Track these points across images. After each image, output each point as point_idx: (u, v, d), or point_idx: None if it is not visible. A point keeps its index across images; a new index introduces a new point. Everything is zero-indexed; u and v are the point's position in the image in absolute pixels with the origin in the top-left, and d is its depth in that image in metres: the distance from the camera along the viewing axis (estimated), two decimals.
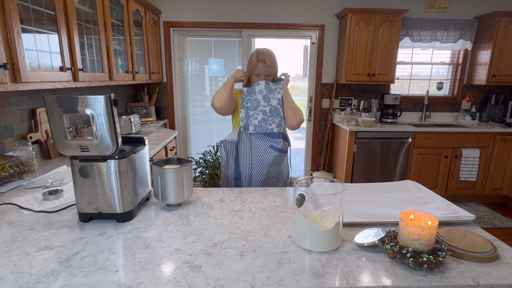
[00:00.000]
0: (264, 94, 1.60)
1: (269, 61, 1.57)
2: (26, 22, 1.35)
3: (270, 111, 1.61)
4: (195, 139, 3.94)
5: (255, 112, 1.60)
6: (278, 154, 1.63)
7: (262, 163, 1.63)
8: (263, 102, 1.60)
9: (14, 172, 1.41)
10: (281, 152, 1.64)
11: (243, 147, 1.64)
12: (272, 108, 1.61)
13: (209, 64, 3.70)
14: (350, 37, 3.28)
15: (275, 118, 1.61)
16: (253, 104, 1.60)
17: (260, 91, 1.60)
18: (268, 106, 1.60)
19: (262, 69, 1.57)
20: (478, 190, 3.42)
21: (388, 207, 1.11)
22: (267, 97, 1.61)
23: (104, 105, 0.92)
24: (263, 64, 1.56)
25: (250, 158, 1.63)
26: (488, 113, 3.73)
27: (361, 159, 3.29)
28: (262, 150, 1.62)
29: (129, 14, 2.54)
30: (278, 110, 1.62)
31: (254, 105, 1.60)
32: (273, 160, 1.62)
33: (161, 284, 0.72)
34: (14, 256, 0.82)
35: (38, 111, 1.85)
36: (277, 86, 1.62)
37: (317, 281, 0.73)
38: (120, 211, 1.02)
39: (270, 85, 1.61)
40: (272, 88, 1.62)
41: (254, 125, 1.61)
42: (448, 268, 0.79)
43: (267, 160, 1.62)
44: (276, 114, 1.62)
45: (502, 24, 3.26)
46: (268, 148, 1.62)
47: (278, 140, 1.62)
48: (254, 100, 1.60)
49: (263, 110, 1.60)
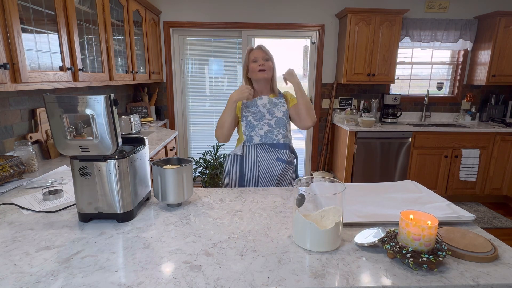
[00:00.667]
0: (268, 108, 1.57)
1: (265, 49, 1.56)
2: (26, 22, 1.35)
3: (275, 123, 1.56)
4: (195, 139, 3.94)
5: (259, 123, 1.55)
6: (285, 166, 1.57)
7: (269, 177, 1.56)
8: (267, 115, 1.56)
9: (14, 172, 1.41)
10: (288, 164, 1.58)
11: (248, 161, 1.57)
12: (278, 120, 1.56)
13: (209, 64, 3.70)
14: (350, 37, 3.28)
15: (281, 129, 1.56)
16: (257, 116, 1.56)
17: (264, 105, 1.56)
18: (273, 118, 1.56)
19: (258, 53, 1.55)
20: (478, 190, 3.42)
21: (388, 207, 1.11)
22: (271, 111, 1.57)
23: (104, 105, 0.92)
24: (259, 49, 1.55)
25: (256, 172, 1.57)
26: (488, 113, 3.73)
27: (361, 159, 3.29)
28: (269, 163, 1.55)
29: (129, 14, 2.54)
30: (284, 122, 1.57)
31: (258, 116, 1.56)
32: (281, 172, 1.56)
33: (161, 284, 0.72)
34: (14, 256, 0.82)
35: (38, 111, 1.85)
36: (280, 100, 1.59)
37: (317, 281, 0.73)
38: (120, 211, 1.02)
39: (273, 100, 1.58)
40: (275, 102, 1.58)
41: (260, 135, 1.55)
42: (448, 268, 0.79)
43: (275, 173, 1.55)
44: (282, 125, 1.56)
45: (502, 24, 3.26)
46: (275, 160, 1.56)
47: (284, 151, 1.56)
48: (258, 112, 1.56)
49: (268, 122, 1.56)
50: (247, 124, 1.55)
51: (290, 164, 1.60)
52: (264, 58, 1.55)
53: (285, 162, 1.57)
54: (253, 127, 1.55)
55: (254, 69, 1.55)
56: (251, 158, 1.57)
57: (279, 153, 1.56)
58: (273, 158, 1.56)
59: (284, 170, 1.58)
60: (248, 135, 1.56)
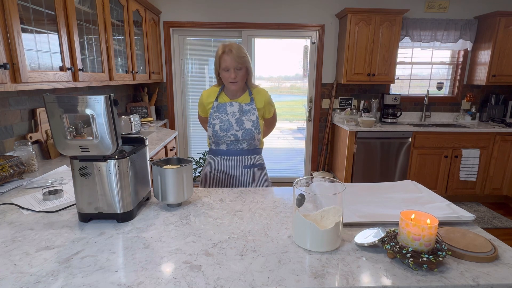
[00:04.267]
0: (237, 118, 1.48)
1: (237, 51, 1.38)
2: (26, 22, 1.35)
3: (242, 135, 1.50)
4: (195, 139, 3.94)
5: (226, 134, 1.50)
6: (254, 170, 1.59)
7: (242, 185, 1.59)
8: (235, 125, 1.49)
9: (14, 172, 1.41)
10: (257, 167, 1.60)
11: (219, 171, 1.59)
12: (245, 131, 1.49)
13: (209, 64, 3.70)
14: (350, 37, 3.28)
15: (249, 140, 1.53)
16: (224, 124, 1.49)
17: (233, 114, 1.48)
18: (240, 130, 1.49)
19: (230, 62, 1.38)
20: (478, 190, 3.42)
21: (388, 207, 1.11)
22: (240, 121, 1.48)
23: (104, 105, 0.92)
24: (230, 55, 1.38)
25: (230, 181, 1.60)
26: (488, 113, 3.73)
27: (361, 159, 3.29)
28: (238, 174, 1.58)
29: (129, 14, 2.54)
30: (252, 133, 1.50)
31: (226, 126, 1.49)
32: (252, 178, 1.59)
33: (161, 284, 0.72)
34: (14, 256, 0.82)
35: (38, 111, 1.85)
36: (251, 107, 1.50)
37: (317, 281, 0.73)
38: (120, 211, 1.02)
39: (243, 107, 1.50)
40: (245, 109, 1.50)
41: (227, 143, 1.53)
42: (448, 268, 0.79)
43: (247, 180, 1.58)
44: (250, 137, 1.51)
45: (502, 24, 3.26)
46: (243, 169, 1.57)
47: (253, 156, 1.58)
48: (226, 121, 1.48)
49: (235, 134, 1.50)
50: (214, 133, 1.52)
51: (259, 166, 1.61)
52: (237, 68, 1.41)
53: (254, 167, 1.59)
54: (219, 137, 1.52)
55: (225, 78, 1.45)
56: (221, 169, 1.59)
57: (246, 159, 1.57)
58: (240, 167, 1.57)
59: (254, 174, 1.59)
60: (215, 142, 1.56)
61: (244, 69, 1.44)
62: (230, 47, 1.40)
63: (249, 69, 1.47)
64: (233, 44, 1.42)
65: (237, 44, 1.44)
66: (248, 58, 1.46)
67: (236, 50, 1.39)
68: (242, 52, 1.42)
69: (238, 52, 1.39)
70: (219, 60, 1.43)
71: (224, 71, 1.43)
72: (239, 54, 1.39)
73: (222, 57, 1.40)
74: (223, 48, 1.41)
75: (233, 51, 1.38)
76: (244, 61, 1.42)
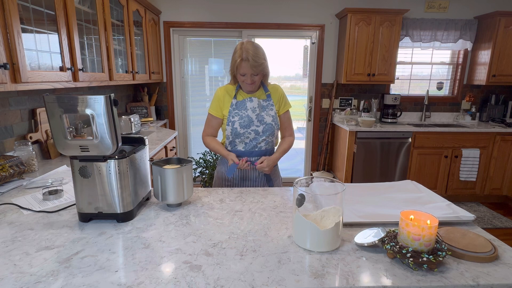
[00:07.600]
0: (258, 113, 1.50)
1: (253, 59, 1.38)
2: (26, 22, 1.35)
3: (263, 130, 1.51)
4: (195, 139, 3.94)
5: (246, 130, 1.49)
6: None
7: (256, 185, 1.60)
8: (256, 121, 1.50)
9: (14, 172, 1.41)
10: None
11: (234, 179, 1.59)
12: (266, 126, 1.51)
13: (209, 64, 3.70)
14: (350, 37, 3.28)
15: (267, 137, 1.53)
16: (244, 121, 1.49)
17: (253, 109, 1.49)
18: (261, 125, 1.50)
19: (247, 69, 1.40)
20: (478, 190, 3.42)
21: (388, 207, 1.11)
22: (261, 116, 1.50)
23: (104, 105, 0.92)
24: (247, 63, 1.38)
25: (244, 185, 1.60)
26: (488, 113, 3.73)
27: (361, 159, 3.29)
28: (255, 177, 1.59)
29: (129, 14, 2.54)
30: (272, 128, 1.52)
31: (246, 123, 1.49)
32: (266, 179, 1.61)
33: (161, 284, 0.72)
34: (14, 256, 0.82)
35: (38, 111, 1.85)
36: (269, 102, 1.53)
37: (317, 281, 0.73)
38: (120, 211, 1.02)
39: (261, 103, 1.52)
40: (263, 105, 1.52)
41: (245, 143, 1.52)
42: (448, 268, 0.79)
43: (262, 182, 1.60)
44: (270, 132, 1.52)
45: (502, 24, 3.26)
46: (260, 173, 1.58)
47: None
48: (246, 117, 1.49)
49: (256, 129, 1.50)
50: (233, 131, 1.51)
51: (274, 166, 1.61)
52: (254, 73, 1.42)
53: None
54: (238, 135, 1.51)
55: (242, 81, 1.48)
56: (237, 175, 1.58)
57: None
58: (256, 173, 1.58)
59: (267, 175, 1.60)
60: (232, 140, 1.54)
61: (260, 74, 1.46)
62: (247, 54, 1.38)
63: (265, 70, 1.48)
64: (249, 49, 1.39)
65: (255, 47, 1.41)
66: (265, 63, 1.45)
67: (253, 58, 1.38)
68: (260, 59, 1.40)
69: (254, 61, 1.38)
70: (237, 66, 1.43)
71: (241, 75, 1.45)
72: (255, 63, 1.39)
73: (240, 64, 1.40)
74: (241, 55, 1.39)
75: (250, 60, 1.38)
76: (261, 70, 1.43)
